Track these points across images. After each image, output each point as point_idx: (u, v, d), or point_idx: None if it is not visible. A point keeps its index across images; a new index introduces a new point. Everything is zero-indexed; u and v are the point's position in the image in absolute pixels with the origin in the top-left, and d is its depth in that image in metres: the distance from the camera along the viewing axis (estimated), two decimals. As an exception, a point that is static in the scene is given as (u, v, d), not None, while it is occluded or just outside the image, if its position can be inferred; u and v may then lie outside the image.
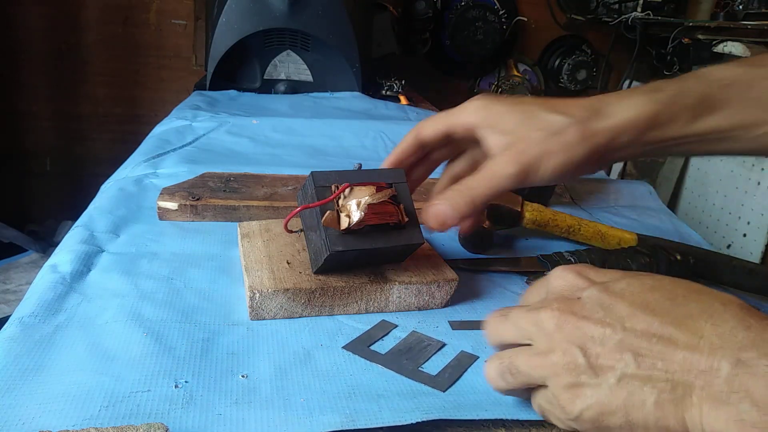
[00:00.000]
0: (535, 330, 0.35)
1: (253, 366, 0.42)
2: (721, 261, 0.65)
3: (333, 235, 0.46)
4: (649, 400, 0.31)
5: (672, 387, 0.31)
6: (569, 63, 2.27)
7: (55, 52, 2.04)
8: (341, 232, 0.46)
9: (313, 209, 0.47)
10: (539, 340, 0.35)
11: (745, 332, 0.30)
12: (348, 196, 0.47)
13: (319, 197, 0.47)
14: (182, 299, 0.50)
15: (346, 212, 0.46)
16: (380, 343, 0.47)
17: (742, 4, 1.61)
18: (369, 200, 0.46)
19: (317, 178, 0.48)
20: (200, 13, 2.05)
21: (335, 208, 0.47)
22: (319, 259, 0.48)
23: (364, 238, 0.47)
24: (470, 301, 0.54)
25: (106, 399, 0.37)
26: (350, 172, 0.49)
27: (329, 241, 0.46)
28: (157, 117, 1.28)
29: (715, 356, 0.30)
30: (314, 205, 0.47)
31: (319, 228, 0.47)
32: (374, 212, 0.47)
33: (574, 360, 0.33)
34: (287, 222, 0.50)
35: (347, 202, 0.47)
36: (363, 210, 0.46)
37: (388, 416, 0.37)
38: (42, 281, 0.50)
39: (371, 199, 0.46)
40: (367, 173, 0.51)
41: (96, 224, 0.62)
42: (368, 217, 0.46)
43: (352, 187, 0.47)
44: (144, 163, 0.84)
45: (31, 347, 0.42)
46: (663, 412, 0.31)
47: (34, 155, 2.14)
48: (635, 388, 0.32)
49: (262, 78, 1.41)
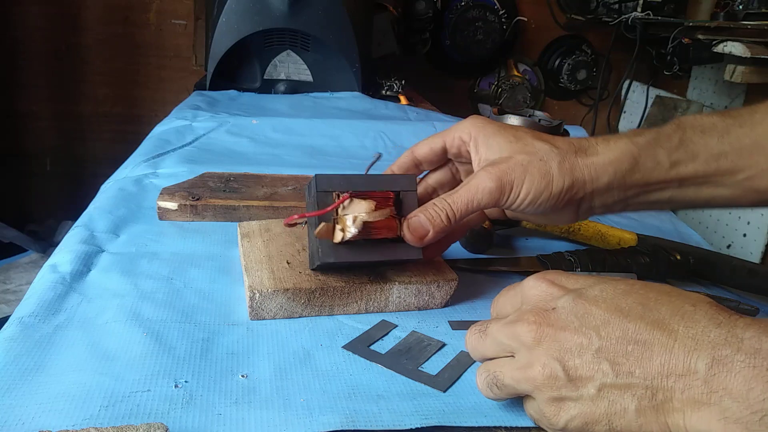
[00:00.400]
0: (515, 344, 0.36)
1: (253, 366, 0.42)
2: (721, 261, 0.65)
3: (326, 246, 0.46)
4: (630, 408, 0.32)
5: (652, 393, 0.31)
6: (569, 63, 2.27)
7: (55, 52, 2.04)
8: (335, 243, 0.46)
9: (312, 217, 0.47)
10: (519, 353, 0.36)
11: (717, 330, 0.31)
12: (347, 206, 0.46)
13: (319, 203, 0.46)
14: (182, 299, 0.50)
15: (342, 225, 0.45)
16: (380, 343, 0.47)
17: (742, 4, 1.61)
18: (365, 217, 0.45)
19: (320, 182, 0.47)
20: (200, 13, 2.05)
21: (333, 217, 0.46)
22: (313, 262, 0.48)
23: (358, 251, 0.47)
24: (470, 301, 0.55)
25: (106, 399, 0.37)
26: (358, 177, 0.48)
27: (321, 252, 0.46)
28: (157, 117, 1.28)
29: (691, 358, 0.31)
30: (312, 214, 0.46)
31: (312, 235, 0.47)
32: (370, 228, 0.46)
33: (554, 374, 0.34)
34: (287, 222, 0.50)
35: (345, 213, 0.46)
36: (358, 227, 0.45)
37: (388, 418, 0.37)
38: (42, 281, 0.50)
39: (368, 217, 0.45)
40: (377, 179, 0.49)
41: (96, 224, 0.62)
42: (363, 233, 0.45)
43: (352, 198, 0.46)
44: (144, 163, 0.84)
45: (31, 347, 0.42)
46: (645, 419, 0.32)
47: (34, 155, 2.14)
48: (616, 397, 0.32)
49: (262, 78, 1.41)
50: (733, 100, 1.97)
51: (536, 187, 0.46)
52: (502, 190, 0.46)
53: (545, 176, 0.46)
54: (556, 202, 0.47)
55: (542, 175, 0.46)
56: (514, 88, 2.24)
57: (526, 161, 0.46)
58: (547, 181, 0.46)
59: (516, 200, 0.46)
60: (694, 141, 0.47)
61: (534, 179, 0.46)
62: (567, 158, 0.46)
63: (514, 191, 0.46)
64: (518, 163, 0.46)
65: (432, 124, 1.16)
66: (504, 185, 0.46)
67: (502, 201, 0.46)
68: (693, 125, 0.48)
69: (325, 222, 0.45)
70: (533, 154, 0.46)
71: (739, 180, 0.47)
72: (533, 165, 0.46)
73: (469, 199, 0.46)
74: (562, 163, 0.46)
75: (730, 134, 0.47)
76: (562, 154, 0.47)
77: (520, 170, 0.46)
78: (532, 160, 0.46)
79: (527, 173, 0.46)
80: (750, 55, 1.49)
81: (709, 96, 2.07)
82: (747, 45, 1.50)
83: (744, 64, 1.57)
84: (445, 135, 0.52)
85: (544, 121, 0.66)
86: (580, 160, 0.47)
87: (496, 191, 0.46)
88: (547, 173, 0.46)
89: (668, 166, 0.47)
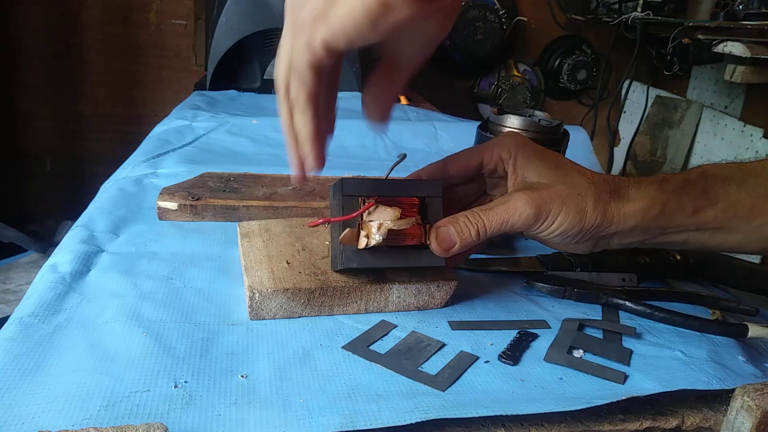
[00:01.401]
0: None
1: (253, 366, 0.42)
2: (721, 261, 0.65)
3: (349, 251, 0.46)
4: None
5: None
6: (569, 63, 2.26)
7: (55, 52, 2.04)
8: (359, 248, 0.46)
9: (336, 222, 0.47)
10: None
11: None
12: (372, 212, 0.46)
13: (345, 207, 0.46)
14: (182, 299, 0.50)
15: (366, 231, 0.46)
16: (380, 343, 0.47)
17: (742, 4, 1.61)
18: (391, 225, 0.45)
19: (346, 186, 0.46)
20: (200, 13, 2.05)
21: (358, 222, 0.46)
22: (335, 264, 0.48)
23: (382, 256, 0.47)
24: (470, 301, 0.54)
25: (106, 399, 0.37)
26: (384, 182, 0.48)
27: (344, 256, 0.46)
28: (157, 117, 1.28)
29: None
30: (337, 219, 0.46)
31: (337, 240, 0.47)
32: (395, 235, 0.46)
33: None
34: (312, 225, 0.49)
35: (369, 219, 0.46)
36: (383, 235, 0.45)
37: (388, 416, 0.37)
38: (42, 281, 0.50)
39: (393, 225, 0.45)
40: (402, 184, 0.49)
41: (96, 224, 0.62)
42: (387, 241, 0.45)
43: (377, 205, 0.46)
44: (144, 163, 0.84)
45: (31, 347, 0.42)
46: None
47: (34, 155, 2.14)
48: None
49: (262, 78, 1.41)
50: (733, 100, 1.96)
51: (570, 220, 0.47)
52: (537, 217, 0.46)
53: (580, 212, 0.47)
54: (582, 236, 0.48)
55: (577, 210, 0.47)
56: (514, 88, 2.24)
57: (565, 193, 0.47)
58: (581, 216, 0.47)
59: (547, 229, 0.47)
60: (715, 189, 0.49)
61: (570, 213, 0.47)
62: (602, 197, 0.47)
63: (549, 221, 0.47)
64: (558, 194, 0.47)
65: (432, 124, 1.16)
66: (540, 213, 0.46)
67: (534, 228, 0.47)
68: (715, 174, 0.50)
69: (350, 227, 0.46)
70: (573, 186, 0.47)
71: (753, 227, 0.49)
72: (571, 198, 0.47)
73: (505, 219, 0.46)
74: (597, 202, 0.47)
75: (747, 183, 0.49)
76: (599, 192, 0.48)
77: (559, 201, 0.46)
78: (571, 194, 0.47)
79: (564, 205, 0.46)
80: (750, 55, 1.49)
81: (709, 96, 2.07)
82: (747, 45, 1.50)
83: (744, 64, 1.57)
84: (483, 151, 0.51)
85: (543, 121, 0.66)
86: (613, 203, 0.48)
87: (531, 218, 0.46)
88: (582, 209, 0.47)
89: (690, 212, 0.49)
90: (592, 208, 0.47)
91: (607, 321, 0.53)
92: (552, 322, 0.52)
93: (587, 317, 0.53)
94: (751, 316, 0.55)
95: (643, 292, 0.58)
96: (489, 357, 0.46)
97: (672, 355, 0.48)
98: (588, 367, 0.45)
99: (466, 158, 0.51)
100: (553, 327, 0.51)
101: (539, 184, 0.48)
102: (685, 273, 0.63)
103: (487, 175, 0.53)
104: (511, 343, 0.48)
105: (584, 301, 0.56)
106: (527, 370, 0.45)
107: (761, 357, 0.51)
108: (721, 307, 0.57)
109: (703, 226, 0.49)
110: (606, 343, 0.49)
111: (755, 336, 0.51)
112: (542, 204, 0.46)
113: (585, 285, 0.57)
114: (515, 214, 0.46)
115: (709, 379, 0.45)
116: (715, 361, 0.48)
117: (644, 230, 0.49)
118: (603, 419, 0.40)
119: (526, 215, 0.46)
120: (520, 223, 0.47)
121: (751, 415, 0.36)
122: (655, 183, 0.49)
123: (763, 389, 0.37)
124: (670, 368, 0.46)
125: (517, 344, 0.48)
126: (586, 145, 1.15)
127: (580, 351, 0.47)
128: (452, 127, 1.16)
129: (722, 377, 0.45)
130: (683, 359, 0.48)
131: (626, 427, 0.40)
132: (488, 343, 0.48)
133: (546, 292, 0.56)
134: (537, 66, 2.33)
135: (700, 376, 0.45)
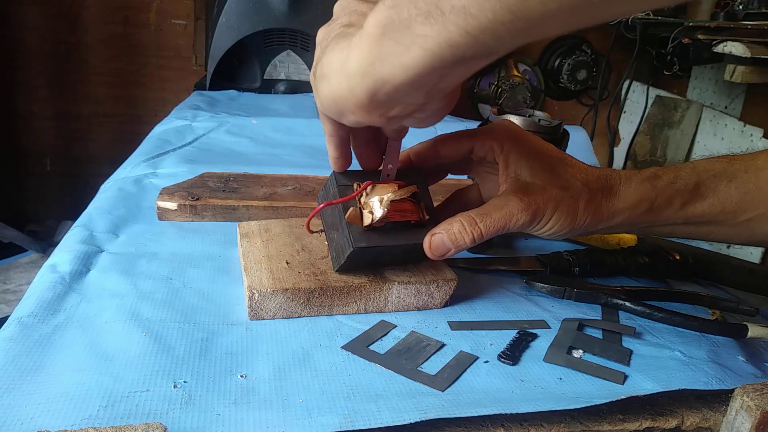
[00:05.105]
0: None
1: (252, 366, 0.42)
2: (721, 261, 0.65)
3: (356, 232, 0.46)
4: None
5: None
6: (569, 63, 2.26)
7: (55, 52, 2.04)
8: (364, 228, 0.46)
9: (336, 207, 0.47)
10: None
11: None
12: (370, 193, 0.47)
13: (342, 195, 0.47)
14: (181, 299, 0.50)
15: (368, 209, 0.47)
16: (379, 343, 0.47)
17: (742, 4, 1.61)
18: (392, 196, 0.46)
19: (339, 178, 0.48)
20: (200, 13, 2.05)
21: (357, 205, 0.47)
22: (341, 257, 0.48)
23: (387, 235, 0.47)
24: (469, 301, 0.54)
25: (105, 399, 0.37)
26: (370, 173, 0.49)
27: (352, 237, 0.46)
28: (157, 117, 1.28)
29: None
30: (337, 201, 0.47)
31: (341, 225, 0.47)
32: (396, 210, 0.47)
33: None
34: (309, 221, 0.50)
35: (369, 199, 0.47)
36: (386, 207, 0.46)
37: (387, 416, 0.37)
38: (41, 281, 0.50)
39: (394, 195, 0.46)
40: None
41: (95, 224, 0.62)
42: (391, 214, 0.46)
43: (374, 185, 0.47)
44: (144, 163, 0.84)
45: (30, 347, 0.42)
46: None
47: (34, 155, 2.14)
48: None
49: (262, 78, 1.41)
50: (733, 100, 1.96)
51: (562, 222, 0.48)
52: (533, 221, 0.47)
53: (571, 213, 0.48)
54: (571, 233, 0.49)
55: (569, 213, 0.48)
56: (514, 88, 2.24)
57: (559, 197, 0.48)
58: (572, 218, 0.48)
59: (540, 230, 0.48)
60: (705, 185, 0.50)
61: (562, 215, 0.48)
62: (594, 198, 0.48)
63: (542, 223, 0.48)
64: (552, 197, 0.47)
65: (432, 124, 1.15)
66: (535, 218, 0.47)
67: (527, 229, 0.48)
68: (706, 169, 0.51)
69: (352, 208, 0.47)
70: (566, 189, 0.48)
71: (740, 221, 0.50)
72: (564, 202, 0.48)
73: (502, 225, 0.47)
74: (589, 203, 0.48)
75: (737, 179, 0.50)
76: (591, 192, 0.49)
77: (552, 205, 0.47)
78: (564, 197, 0.48)
79: (557, 209, 0.47)
80: (750, 55, 1.49)
81: (709, 96, 2.07)
82: (747, 45, 1.50)
83: (744, 64, 1.57)
84: (475, 138, 0.51)
85: (543, 121, 0.66)
86: (604, 201, 0.49)
87: (528, 223, 0.47)
88: (574, 211, 0.48)
89: (678, 207, 0.50)
90: (583, 210, 0.48)
91: (607, 321, 0.53)
92: (551, 322, 0.52)
93: (587, 317, 0.53)
94: (750, 316, 0.55)
95: (643, 292, 0.58)
96: (488, 357, 0.46)
97: (671, 355, 0.48)
98: (587, 367, 0.45)
99: (456, 143, 0.52)
100: (552, 327, 0.51)
101: (533, 185, 0.48)
102: (685, 273, 0.64)
103: (476, 161, 0.52)
104: (511, 343, 0.48)
105: (584, 301, 0.56)
106: (527, 370, 0.45)
107: (761, 357, 0.51)
108: (721, 307, 0.57)
109: (691, 220, 0.50)
110: (605, 343, 0.49)
111: (755, 336, 0.51)
112: (537, 210, 0.47)
113: (585, 285, 0.57)
114: (511, 221, 0.47)
115: (708, 380, 0.45)
116: (715, 361, 0.48)
117: (631, 224, 0.50)
118: (602, 419, 0.40)
119: (523, 221, 0.47)
120: (517, 227, 0.48)
121: (751, 415, 0.36)
122: (646, 180, 0.50)
123: (763, 389, 0.37)
124: (670, 368, 0.46)
125: (516, 344, 0.48)
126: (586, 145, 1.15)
127: (580, 351, 0.47)
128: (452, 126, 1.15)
129: (722, 377, 0.45)
130: (683, 359, 0.48)
131: (626, 427, 0.40)
132: (488, 343, 0.48)
133: (545, 292, 0.56)
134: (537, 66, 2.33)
135: (700, 377, 0.45)
